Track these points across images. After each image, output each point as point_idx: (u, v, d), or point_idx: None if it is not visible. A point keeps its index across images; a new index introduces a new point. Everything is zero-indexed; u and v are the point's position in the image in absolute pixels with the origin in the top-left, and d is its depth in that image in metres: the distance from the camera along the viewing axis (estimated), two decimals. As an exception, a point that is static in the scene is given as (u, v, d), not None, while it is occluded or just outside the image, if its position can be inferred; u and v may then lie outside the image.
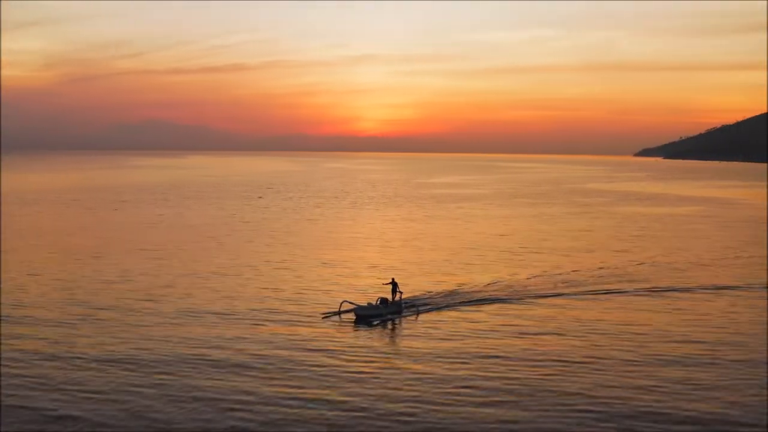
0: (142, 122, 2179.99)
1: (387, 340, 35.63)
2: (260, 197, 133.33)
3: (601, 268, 56.55)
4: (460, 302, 43.26)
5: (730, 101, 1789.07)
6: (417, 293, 45.10)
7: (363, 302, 40.53)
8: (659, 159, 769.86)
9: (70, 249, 64.29)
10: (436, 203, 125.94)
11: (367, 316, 38.30)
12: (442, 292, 45.99)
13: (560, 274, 53.73)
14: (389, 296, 40.47)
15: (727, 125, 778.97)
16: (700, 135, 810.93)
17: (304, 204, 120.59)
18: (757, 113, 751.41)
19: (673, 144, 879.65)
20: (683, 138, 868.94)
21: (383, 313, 38.74)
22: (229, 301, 43.44)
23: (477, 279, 51.22)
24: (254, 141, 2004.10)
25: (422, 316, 39.82)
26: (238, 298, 44.16)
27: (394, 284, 40.96)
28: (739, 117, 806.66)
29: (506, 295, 45.46)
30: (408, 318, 39.38)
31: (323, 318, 38.62)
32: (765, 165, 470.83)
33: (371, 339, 35.60)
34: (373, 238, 75.48)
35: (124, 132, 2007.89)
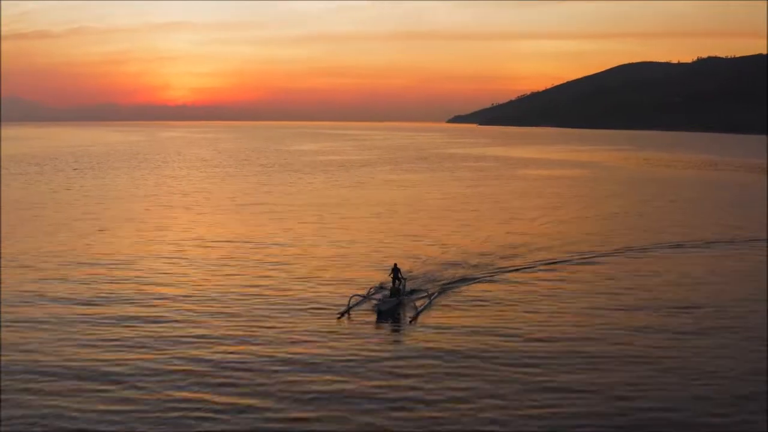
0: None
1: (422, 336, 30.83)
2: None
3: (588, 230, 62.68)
4: (476, 279, 40.93)
5: (540, 69, 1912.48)
6: (415, 274, 41.26)
7: (372, 294, 36.43)
8: (475, 125, 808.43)
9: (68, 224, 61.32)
10: (340, 171, 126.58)
11: (389, 311, 33.74)
12: (445, 273, 42.16)
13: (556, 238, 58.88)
14: (390, 283, 36.20)
15: (536, 92, 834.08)
16: (512, 102, 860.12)
17: (215, 173, 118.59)
18: (566, 80, 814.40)
19: (485, 111, 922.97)
20: (495, 105, 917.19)
21: (415, 305, 35.11)
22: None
23: (482, 251, 49.18)
24: (65, 111, 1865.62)
25: (437, 302, 35.93)
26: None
27: (396, 270, 36.31)
28: (549, 84, 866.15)
29: (525, 264, 45.28)
30: (423, 308, 34.81)
31: (338, 318, 33.16)
32: (578, 131, 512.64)
33: (407, 338, 30.86)
34: (338, 208, 74.47)
35: None
